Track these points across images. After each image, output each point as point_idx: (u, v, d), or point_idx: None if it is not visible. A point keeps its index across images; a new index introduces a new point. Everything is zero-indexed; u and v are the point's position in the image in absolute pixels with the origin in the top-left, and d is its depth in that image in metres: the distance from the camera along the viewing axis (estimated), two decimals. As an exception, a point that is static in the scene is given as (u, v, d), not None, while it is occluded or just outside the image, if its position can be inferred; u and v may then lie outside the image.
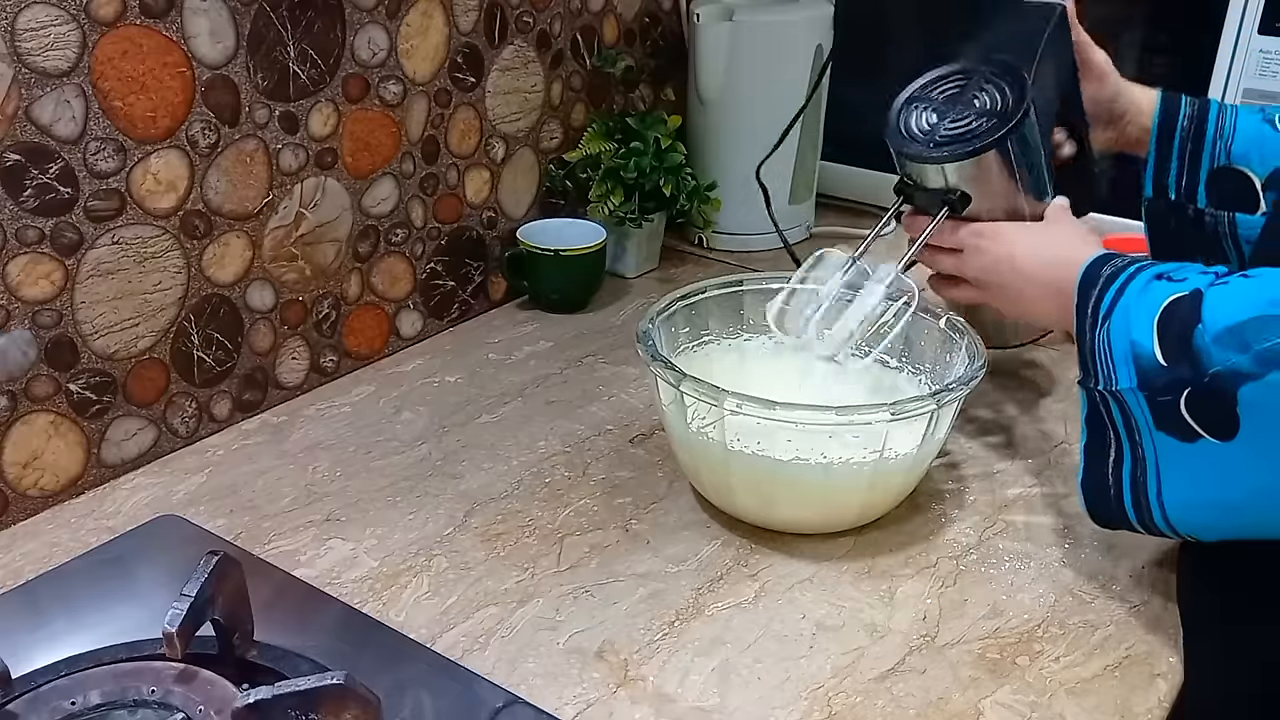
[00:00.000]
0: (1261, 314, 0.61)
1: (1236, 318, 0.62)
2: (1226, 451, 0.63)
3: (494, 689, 0.67)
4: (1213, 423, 0.63)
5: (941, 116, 0.85)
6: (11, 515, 0.81)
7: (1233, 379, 0.61)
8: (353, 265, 1.02)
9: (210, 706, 0.59)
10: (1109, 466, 0.70)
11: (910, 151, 0.85)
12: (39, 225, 0.78)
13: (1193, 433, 0.64)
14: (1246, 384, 0.61)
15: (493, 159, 1.14)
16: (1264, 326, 0.60)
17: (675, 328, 0.90)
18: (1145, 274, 0.69)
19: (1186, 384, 0.63)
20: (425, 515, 0.84)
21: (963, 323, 0.85)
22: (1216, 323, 0.62)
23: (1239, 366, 0.61)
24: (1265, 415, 0.61)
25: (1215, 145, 0.86)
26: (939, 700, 0.67)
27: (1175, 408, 0.64)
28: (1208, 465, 0.64)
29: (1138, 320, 0.67)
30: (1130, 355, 0.66)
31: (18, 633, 0.69)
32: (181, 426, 0.91)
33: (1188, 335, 0.63)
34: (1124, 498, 0.69)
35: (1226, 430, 0.62)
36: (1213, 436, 0.63)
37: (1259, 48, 1.10)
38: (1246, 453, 0.62)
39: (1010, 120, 0.83)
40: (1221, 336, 0.62)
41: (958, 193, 0.85)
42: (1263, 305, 0.61)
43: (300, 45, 0.92)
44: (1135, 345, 0.66)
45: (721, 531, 0.82)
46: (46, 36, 0.75)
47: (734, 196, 1.30)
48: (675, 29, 1.35)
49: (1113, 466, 0.70)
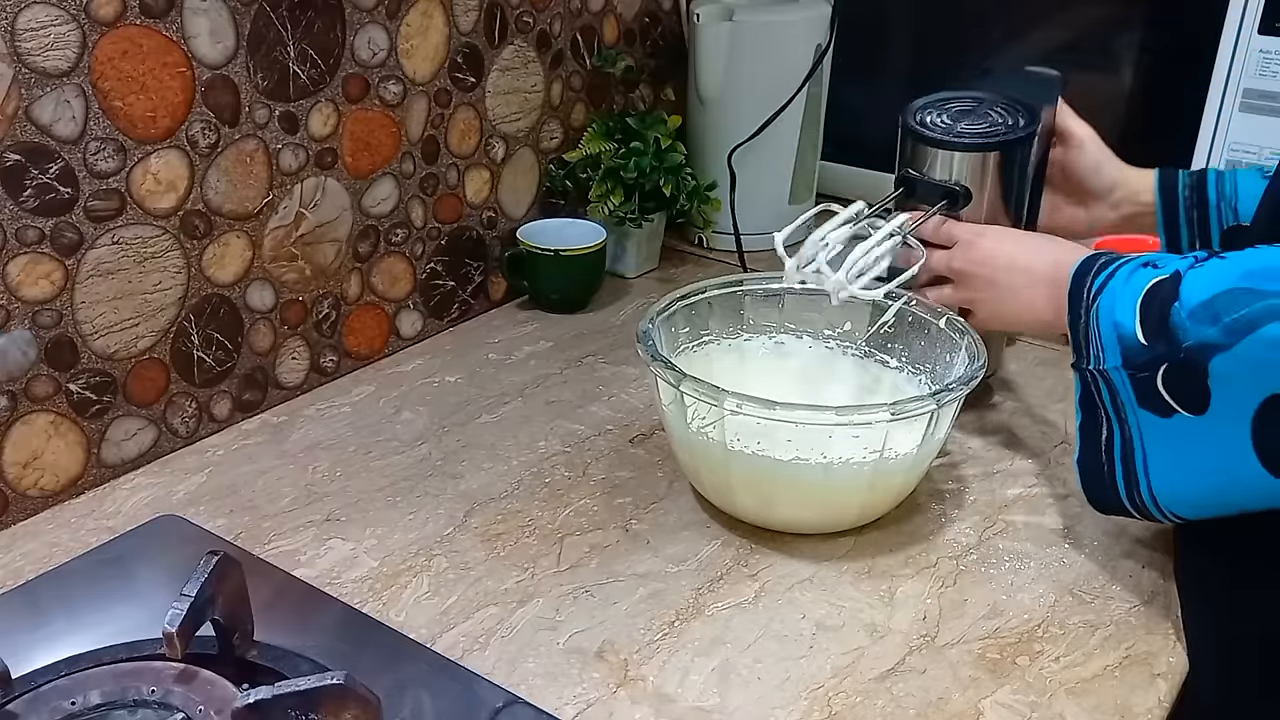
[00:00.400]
0: (1232, 287, 0.63)
1: (1210, 292, 0.64)
2: (1199, 426, 0.66)
3: (494, 689, 0.67)
4: (1186, 397, 0.66)
5: (956, 121, 0.90)
6: (11, 515, 0.81)
7: (1204, 351, 0.64)
8: (353, 265, 1.03)
9: (210, 706, 0.59)
10: (1102, 446, 0.72)
11: (932, 137, 0.89)
12: (39, 225, 0.78)
13: (1169, 408, 0.67)
14: (1217, 355, 0.63)
15: (493, 159, 1.14)
16: (1234, 299, 0.63)
17: (675, 328, 0.90)
18: (1134, 263, 0.72)
19: (1164, 360, 0.66)
20: (425, 515, 0.84)
21: (963, 323, 0.85)
22: (1192, 299, 0.65)
23: (1209, 339, 0.63)
24: (1233, 385, 0.63)
25: (1220, 207, 0.88)
26: (939, 700, 0.67)
27: (1153, 384, 0.67)
28: (1184, 440, 0.67)
29: (1122, 303, 0.69)
30: (1115, 336, 0.69)
31: (18, 633, 0.69)
32: (181, 426, 0.91)
33: (1166, 313, 0.66)
34: (1116, 476, 0.72)
35: (1199, 404, 0.65)
36: (1186, 411, 0.66)
37: (1259, 48, 1.10)
38: (1216, 426, 0.65)
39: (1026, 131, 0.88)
40: (1196, 311, 0.64)
41: (961, 186, 0.88)
42: (1234, 279, 0.64)
43: (300, 45, 0.92)
44: (1119, 326, 0.69)
45: (721, 531, 0.82)
46: (46, 36, 0.75)
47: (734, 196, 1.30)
48: (675, 29, 1.35)
49: (1105, 445, 0.72)
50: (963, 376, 0.79)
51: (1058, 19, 1.24)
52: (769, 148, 1.29)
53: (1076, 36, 1.24)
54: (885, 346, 0.92)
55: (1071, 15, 1.24)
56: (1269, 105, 1.11)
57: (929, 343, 0.88)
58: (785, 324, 0.95)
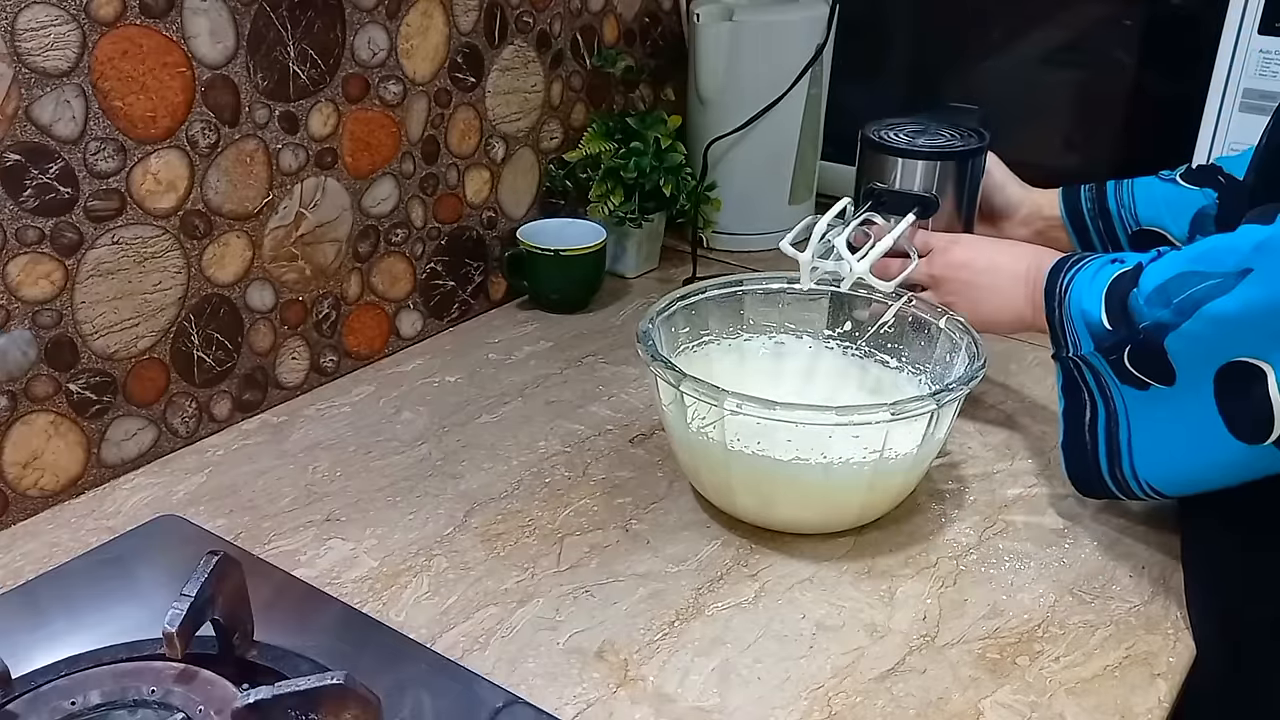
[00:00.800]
0: (1182, 271, 0.69)
1: (1163, 278, 0.70)
2: (1172, 395, 0.71)
3: (494, 689, 0.67)
4: (1154, 372, 0.71)
5: (913, 138, 0.97)
6: (11, 515, 0.81)
7: (1159, 330, 0.69)
8: (353, 265, 1.03)
9: (210, 706, 0.59)
10: (1085, 426, 0.78)
11: (898, 148, 0.95)
12: (39, 225, 0.78)
13: (1143, 382, 0.72)
14: (1169, 334, 0.69)
15: (493, 159, 1.14)
16: (1184, 282, 0.68)
17: (675, 328, 0.90)
18: (1101, 259, 0.78)
19: (1126, 342, 0.72)
20: (425, 515, 0.84)
21: (963, 322, 0.85)
22: (1148, 286, 0.71)
23: (1162, 319, 0.69)
24: (1189, 359, 0.69)
25: (1121, 216, 0.95)
26: (939, 700, 0.67)
27: (1123, 363, 0.73)
28: (1163, 409, 0.72)
29: (1089, 294, 0.76)
30: (1084, 324, 0.76)
31: (18, 633, 0.69)
32: (181, 426, 0.91)
33: (1125, 300, 0.72)
34: (1099, 453, 0.77)
35: (1168, 377, 0.71)
36: (1159, 383, 0.71)
37: (1259, 48, 1.10)
38: (1185, 395, 0.70)
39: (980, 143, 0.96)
40: (1151, 296, 0.70)
41: (932, 195, 0.94)
42: (1184, 264, 0.70)
43: (300, 45, 0.92)
44: (1086, 314, 0.75)
45: (721, 531, 0.82)
46: (46, 36, 0.75)
47: (734, 196, 1.30)
48: (675, 29, 1.35)
49: (1089, 425, 0.77)
50: (963, 376, 0.79)
51: (1058, 19, 1.24)
52: (769, 148, 1.29)
53: (1076, 36, 1.24)
54: (885, 346, 0.92)
55: (1071, 15, 1.24)
56: (1269, 105, 1.10)
57: (929, 343, 0.88)
58: (785, 324, 0.95)
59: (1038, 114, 1.28)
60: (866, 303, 0.92)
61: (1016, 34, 1.27)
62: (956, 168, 0.95)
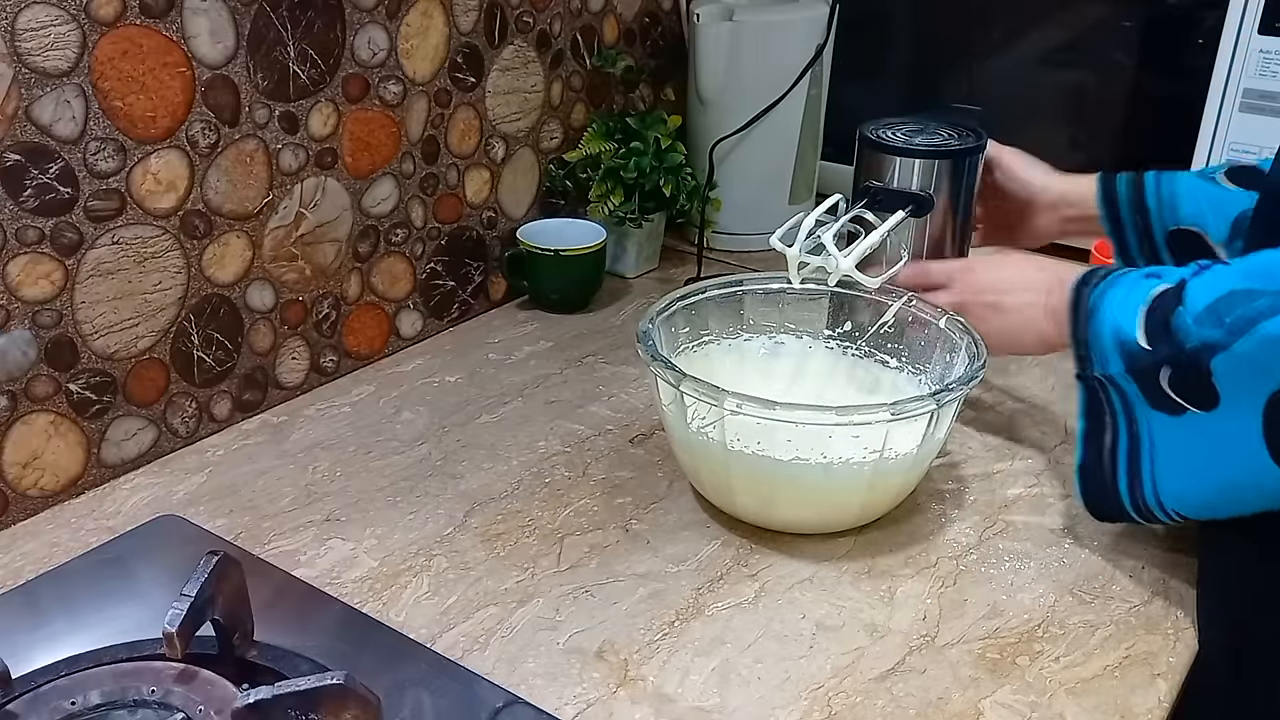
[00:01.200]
0: (1233, 289, 0.65)
1: (1213, 296, 0.66)
2: (1210, 422, 0.67)
3: (494, 689, 0.67)
4: (1194, 395, 0.67)
5: (910, 137, 0.96)
6: (11, 515, 0.81)
7: (1207, 351, 0.65)
8: (353, 265, 1.02)
9: (210, 706, 0.59)
10: (1105, 450, 0.74)
11: (895, 146, 0.95)
12: (39, 225, 0.78)
13: (1179, 406, 0.68)
14: (1218, 355, 0.64)
15: (493, 159, 1.14)
16: (1235, 301, 0.64)
17: (675, 328, 0.90)
18: (1137, 274, 0.73)
19: (1165, 362, 0.68)
20: (425, 515, 0.84)
21: (963, 322, 0.85)
22: (1196, 304, 0.66)
23: (1211, 339, 0.65)
24: (1236, 382, 0.64)
25: (1161, 212, 0.91)
26: (939, 700, 0.67)
27: (1159, 385, 0.69)
28: (1196, 435, 0.68)
29: (1125, 310, 0.71)
30: (1117, 342, 0.71)
31: (18, 633, 0.69)
32: (181, 426, 0.91)
33: (1169, 318, 0.67)
34: (1119, 479, 0.73)
35: (1208, 401, 0.66)
36: (1197, 408, 0.67)
37: (1259, 48, 1.10)
38: (1228, 421, 0.66)
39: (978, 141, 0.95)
40: (1201, 315, 0.66)
41: (926, 192, 0.94)
42: (1235, 281, 0.65)
43: (300, 45, 0.92)
44: (1120, 332, 0.71)
45: (721, 531, 0.82)
46: (46, 36, 0.75)
47: (734, 196, 1.30)
48: (675, 29, 1.35)
49: (1109, 448, 0.73)
50: (963, 376, 0.79)
51: (1058, 19, 1.25)
52: (769, 148, 1.29)
53: (1076, 36, 1.24)
54: (885, 346, 0.92)
55: (1071, 15, 1.24)
56: (1269, 105, 1.11)
57: (929, 343, 0.88)
58: (785, 324, 0.95)
59: (1038, 114, 1.28)
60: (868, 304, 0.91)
61: (1016, 34, 1.28)
62: (953, 167, 0.95)
